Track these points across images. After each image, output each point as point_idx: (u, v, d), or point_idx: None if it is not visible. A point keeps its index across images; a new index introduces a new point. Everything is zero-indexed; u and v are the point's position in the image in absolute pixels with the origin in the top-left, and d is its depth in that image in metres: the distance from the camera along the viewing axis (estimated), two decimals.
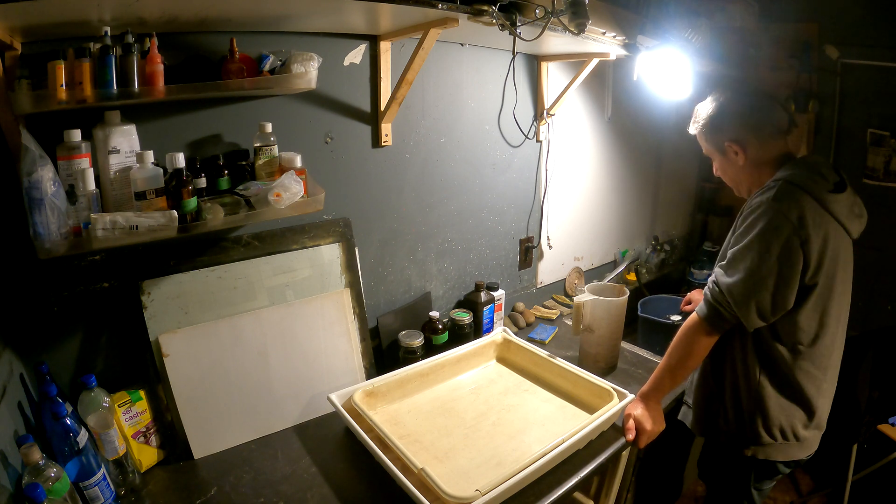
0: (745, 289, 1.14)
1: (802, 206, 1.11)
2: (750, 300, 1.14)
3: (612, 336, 1.63)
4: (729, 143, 1.26)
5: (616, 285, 1.69)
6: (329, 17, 1.22)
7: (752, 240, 1.14)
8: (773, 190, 1.14)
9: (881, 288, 2.23)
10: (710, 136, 1.30)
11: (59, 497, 0.86)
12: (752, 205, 1.18)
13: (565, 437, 1.18)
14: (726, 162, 1.30)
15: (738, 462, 1.32)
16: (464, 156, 1.79)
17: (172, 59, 1.09)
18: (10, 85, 0.91)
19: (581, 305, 1.61)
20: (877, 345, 1.97)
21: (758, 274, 1.13)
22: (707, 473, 1.51)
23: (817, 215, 1.12)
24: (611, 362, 1.68)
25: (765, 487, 1.37)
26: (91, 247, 0.95)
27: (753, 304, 1.14)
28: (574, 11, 1.21)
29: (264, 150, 1.22)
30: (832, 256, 1.15)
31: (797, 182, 1.14)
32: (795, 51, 2.45)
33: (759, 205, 1.15)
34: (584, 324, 1.63)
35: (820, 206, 1.13)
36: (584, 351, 1.68)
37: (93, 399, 1.06)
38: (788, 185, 1.14)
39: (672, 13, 1.80)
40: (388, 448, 1.15)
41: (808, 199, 1.12)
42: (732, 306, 1.16)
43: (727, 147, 1.26)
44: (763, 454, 1.27)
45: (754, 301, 1.14)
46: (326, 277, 1.47)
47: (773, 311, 1.15)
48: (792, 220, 1.10)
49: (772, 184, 1.17)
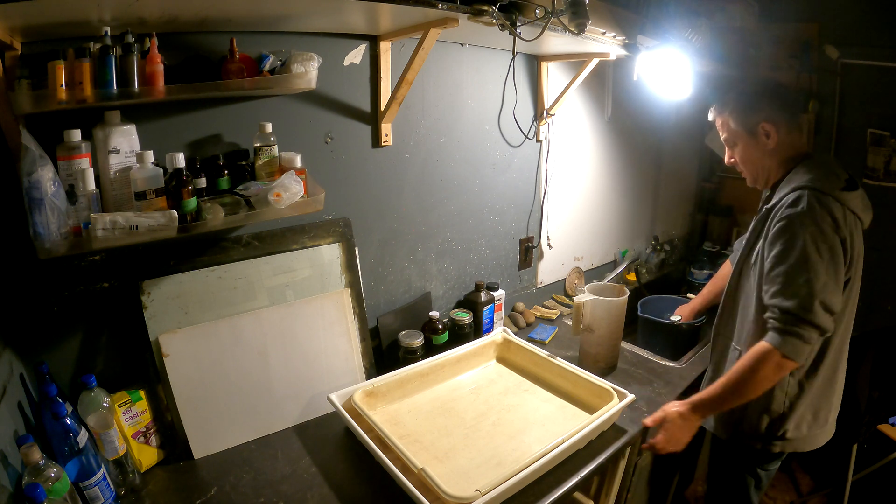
0: (816, 296, 1.11)
1: (832, 209, 1.13)
2: (823, 307, 1.12)
3: (612, 336, 1.63)
4: (763, 124, 1.24)
5: (616, 285, 1.69)
6: (329, 17, 1.22)
7: (801, 253, 1.12)
8: (804, 201, 1.14)
9: (881, 288, 2.23)
10: (743, 116, 1.28)
11: (59, 497, 0.86)
12: (782, 217, 1.16)
13: (565, 437, 1.18)
14: (753, 145, 1.28)
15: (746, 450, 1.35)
16: (464, 156, 1.79)
17: (172, 59, 1.09)
18: (10, 85, 0.91)
19: (581, 305, 1.61)
20: (877, 345, 1.97)
21: (821, 279, 1.11)
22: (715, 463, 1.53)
23: (844, 215, 1.15)
24: (611, 362, 1.68)
25: (771, 468, 1.40)
26: (91, 247, 0.95)
27: (825, 309, 1.12)
28: (574, 11, 1.21)
29: (264, 150, 1.22)
30: (858, 252, 1.19)
31: (820, 188, 1.15)
32: (795, 51, 2.44)
33: (792, 218, 1.15)
34: (584, 324, 1.63)
35: (842, 206, 1.15)
36: (584, 351, 1.68)
37: (93, 399, 1.06)
38: (814, 192, 1.15)
39: (672, 13, 1.80)
40: (388, 448, 1.15)
41: (834, 202, 1.14)
42: (812, 318, 1.11)
43: (760, 128, 1.25)
44: (791, 447, 1.30)
45: (826, 305, 1.12)
46: (326, 277, 1.47)
47: (838, 307, 1.15)
48: (830, 224, 1.12)
49: (794, 195, 1.17)
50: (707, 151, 2.82)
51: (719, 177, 2.90)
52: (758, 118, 1.25)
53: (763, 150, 1.28)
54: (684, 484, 2.15)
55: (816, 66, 2.39)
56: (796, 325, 1.12)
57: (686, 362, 1.74)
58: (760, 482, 1.41)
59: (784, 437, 1.29)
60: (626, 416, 1.40)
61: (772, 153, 1.27)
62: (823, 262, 1.12)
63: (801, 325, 1.12)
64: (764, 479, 1.42)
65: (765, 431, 1.30)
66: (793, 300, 1.12)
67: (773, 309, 1.16)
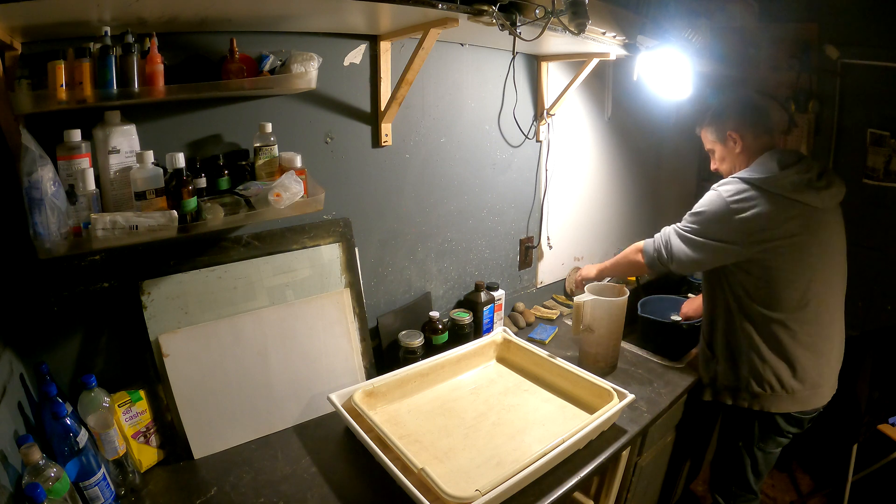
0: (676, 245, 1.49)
1: (742, 193, 1.37)
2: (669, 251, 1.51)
3: (612, 336, 1.63)
4: (731, 132, 1.51)
5: (616, 285, 1.69)
6: (329, 17, 1.22)
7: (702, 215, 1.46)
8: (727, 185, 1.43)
9: (881, 288, 2.22)
10: (715, 128, 1.56)
11: (59, 497, 0.86)
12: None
13: (565, 437, 1.18)
14: (726, 150, 1.55)
15: (742, 417, 1.49)
16: (464, 156, 1.79)
17: (172, 59, 1.09)
18: (10, 85, 0.91)
19: (581, 305, 1.61)
20: (877, 345, 1.97)
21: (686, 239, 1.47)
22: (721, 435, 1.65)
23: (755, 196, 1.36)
24: (611, 362, 1.68)
25: (769, 449, 1.51)
26: (91, 247, 0.95)
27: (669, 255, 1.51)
28: (574, 11, 1.21)
29: (264, 150, 1.22)
30: (786, 230, 1.34)
31: (741, 177, 1.41)
32: (795, 51, 2.44)
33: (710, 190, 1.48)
34: (585, 324, 1.63)
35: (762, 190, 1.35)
36: (583, 351, 1.68)
37: (93, 399, 1.06)
38: (735, 178, 1.42)
39: (672, 13, 1.80)
40: (388, 448, 1.15)
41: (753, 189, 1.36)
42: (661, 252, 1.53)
43: (728, 136, 1.51)
44: (758, 405, 1.45)
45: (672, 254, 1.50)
46: (326, 277, 1.47)
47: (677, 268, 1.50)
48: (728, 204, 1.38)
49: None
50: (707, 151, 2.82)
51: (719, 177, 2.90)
52: (725, 128, 1.52)
53: (733, 153, 1.53)
54: (691, 478, 2.16)
55: (816, 66, 2.39)
56: (655, 244, 1.55)
57: (686, 362, 1.74)
58: (757, 464, 1.51)
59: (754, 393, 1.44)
60: (626, 416, 1.40)
61: (739, 155, 1.51)
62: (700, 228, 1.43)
63: (657, 248, 1.53)
64: (761, 461, 1.51)
65: (734, 384, 1.49)
66: (666, 234, 1.53)
67: (664, 229, 1.55)
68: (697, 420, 1.79)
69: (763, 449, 1.50)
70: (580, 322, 1.64)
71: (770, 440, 1.49)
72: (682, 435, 1.78)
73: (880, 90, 2.25)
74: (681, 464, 1.92)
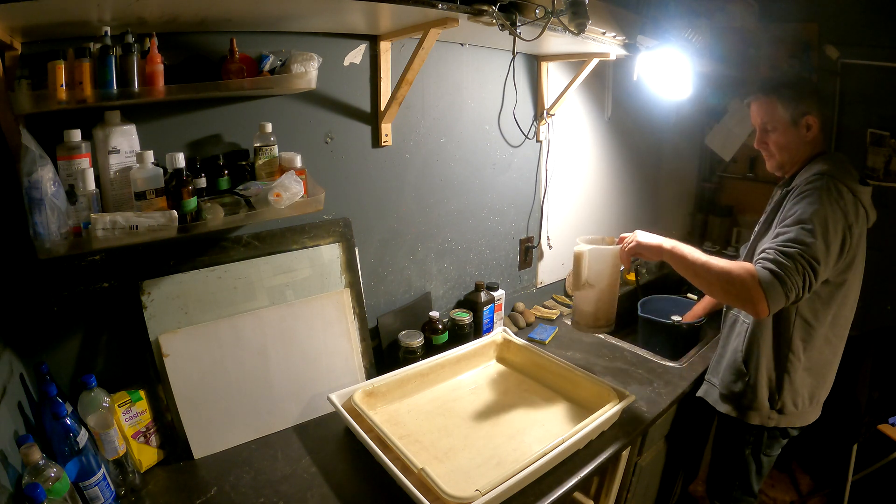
0: (812, 252, 1.13)
1: (845, 196, 1.21)
2: (811, 263, 1.13)
3: (610, 289, 1.53)
4: (808, 116, 1.30)
5: (605, 237, 1.59)
6: (329, 17, 1.22)
7: (815, 215, 1.17)
8: (825, 181, 1.21)
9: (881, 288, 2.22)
10: (791, 105, 1.31)
11: (59, 497, 0.86)
12: (804, 189, 1.23)
13: (565, 437, 1.18)
14: (793, 134, 1.33)
15: (754, 429, 1.43)
16: (464, 156, 1.79)
17: (172, 59, 1.09)
18: (10, 85, 0.91)
19: (581, 256, 1.50)
20: (877, 345, 1.97)
21: (819, 245, 1.14)
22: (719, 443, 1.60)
23: (855, 205, 1.23)
24: (610, 319, 1.56)
25: (773, 453, 1.49)
26: (91, 247, 0.95)
27: (812, 268, 1.13)
28: (574, 11, 1.21)
29: (264, 150, 1.22)
30: (860, 246, 1.28)
31: (839, 177, 1.23)
32: (795, 51, 2.44)
33: (816, 188, 1.21)
34: (584, 278, 1.52)
35: (854, 196, 1.23)
36: (581, 311, 1.57)
37: (93, 399, 1.05)
38: (833, 179, 1.22)
39: (672, 13, 1.80)
40: (388, 448, 1.15)
41: (848, 192, 1.22)
42: (802, 267, 1.12)
43: (804, 119, 1.31)
44: (784, 423, 1.40)
45: (814, 266, 1.13)
46: (326, 277, 1.47)
47: (823, 275, 1.18)
48: (841, 207, 1.19)
49: (816, 178, 1.23)
50: (707, 151, 2.82)
51: (719, 177, 2.90)
52: (804, 110, 1.30)
53: (801, 141, 1.32)
54: (689, 480, 2.15)
55: (816, 66, 2.39)
56: (783, 269, 1.11)
57: (686, 362, 1.74)
58: (761, 468, 1.49)
59: (782, 411, 1.38)
60: (626, 416, 1.40)
61: (807, 145, 1.33)
62: (829, 233, 1.16)
63: (788, 272, 1.11)
64: (765, 465, 1.49)
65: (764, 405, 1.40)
66: (792, 247, 1.14)
67: (769, 250, 1.16)
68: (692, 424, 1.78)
69: (769, 454, 1.49)
70: (581, 275, 1.52)
71: (775, 444, 1.48)
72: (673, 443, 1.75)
73: (880, 90, 2.25)
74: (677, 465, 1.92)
